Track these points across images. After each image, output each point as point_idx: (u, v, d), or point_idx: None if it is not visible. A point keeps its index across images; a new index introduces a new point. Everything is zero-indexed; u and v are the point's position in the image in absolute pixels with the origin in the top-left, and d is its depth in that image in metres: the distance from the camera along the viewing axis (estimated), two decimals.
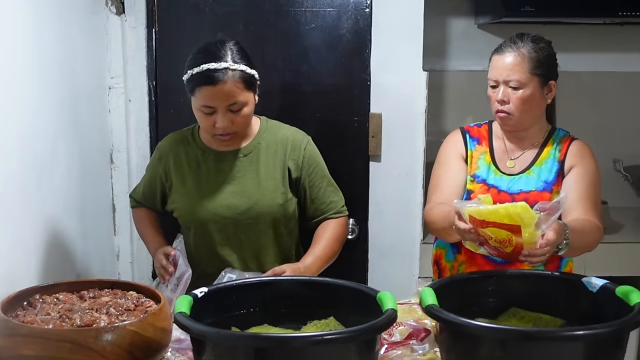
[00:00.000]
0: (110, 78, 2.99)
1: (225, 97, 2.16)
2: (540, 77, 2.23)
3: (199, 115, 2.23)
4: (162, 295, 1.85)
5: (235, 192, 2.30)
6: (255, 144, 2.34)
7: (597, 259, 3.01)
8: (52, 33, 2.36)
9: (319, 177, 2.37)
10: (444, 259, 2.38)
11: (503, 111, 2.24)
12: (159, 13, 3.00)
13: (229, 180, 2.31)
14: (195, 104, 2.22)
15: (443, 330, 1.75)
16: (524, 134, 2.32)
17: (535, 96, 2.24)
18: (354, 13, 2.99)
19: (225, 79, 2.14)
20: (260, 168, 2.32)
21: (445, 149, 2.40)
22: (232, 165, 2.32)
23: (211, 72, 2.14)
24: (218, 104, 2.17)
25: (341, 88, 3.03)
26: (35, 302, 1.84)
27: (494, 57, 2.27)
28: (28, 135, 2.14)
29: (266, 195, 2.29)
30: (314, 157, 2.38)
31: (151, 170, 2.46)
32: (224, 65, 2.15)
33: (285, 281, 1.98)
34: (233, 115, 2.20)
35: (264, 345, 1.56)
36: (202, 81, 2.16)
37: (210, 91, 2.15)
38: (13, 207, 2.02)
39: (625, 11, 3.27)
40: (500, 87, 2.23)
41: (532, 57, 2.22)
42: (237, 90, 2.17)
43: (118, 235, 3.09)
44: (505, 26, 3.43)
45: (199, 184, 2.32)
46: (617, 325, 1.61)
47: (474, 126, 2.41)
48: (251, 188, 2.30)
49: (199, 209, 2.30)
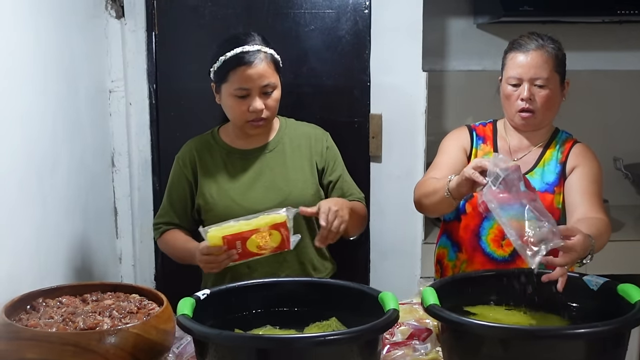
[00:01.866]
0: (110, 81, 3.00)
1: (259, 77, 2.21)
2: (560, 75, 2.24)
3: (231, 102, 2.25)
4: (164, 298, 1.86)
5: (266, 186, 2.32)
6: (278, 139, 2.37)
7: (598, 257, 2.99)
8: (53, 37, 2.36)
9: (340, 170, 2.41)
10: (446, 258, 2.38)
11: (528, 110, 2.22)
12: (158, 16, 3.01)
13: (258, 176, 2.33)
14: (228, 89, 2.24)
15: (445, 330, 1.75)
16: (532, 134, 2.30)
17: (557, 95, 2.24)
18: (353, 14, 2.99)
19: (259, 59, 2.21)
20: (287, 161, 2.34)
21: (450, 140, 2.38)
22: (259, 161, 2.34)
23: (245, 54, 2.21)
24: (253, 84, 2.21)
25: (341, 89, 3.04)
26: (38, 306, 1.84)
27: (515, 54, 2.23)
28: (29, 139, 2.15)
29: (297, 186, 2.31)
30: (334, 148, 2.43)
31: (176, 181, 2.40)
32: (257, 47, 2.23)
33: (287, 283, 1.98)
34: (266, 99, 2.24)
35: (267, 347, 1.57)
36: (237, 63, 2.21)
37: (245, 72, 2.20)
38: (15, 210, 2.03)
39: (624, 10, 3.27)
40: (524, 85, 2.21)
41: (557, 55, 2.23)
42: (270, 71, 2.24)
43: (120, 238, 3.10)
44: (504, 26, 3.43)
45: (229, 183, 2.33)
46: (618, 323, 1.62)
47: (479, 125, 2.40)
48: (281, 181, 2.32)
49: (233, 205, 2.29)
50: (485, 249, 2.27)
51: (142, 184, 3.10)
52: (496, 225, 2.24)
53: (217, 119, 2.47)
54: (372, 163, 3.09)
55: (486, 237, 2.27)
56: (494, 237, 2.26)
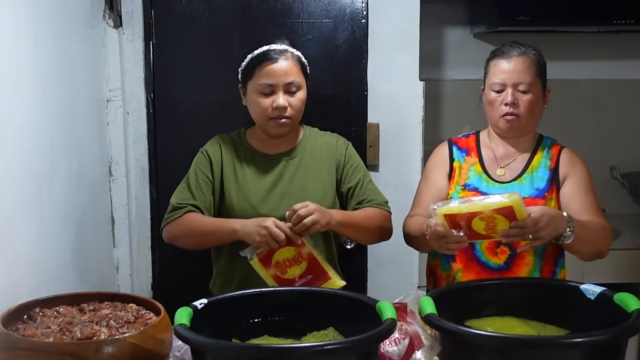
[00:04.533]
0: (108, 91, 3.00)
1: (285, 74, 2.25)
2: (542, 81, 2.27)
3: (255, 99, 2.28)
4: (162, 307, 1.86)
5: (283, 193, 2.32)
6: (301, 148, 2.39)
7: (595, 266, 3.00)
8: (51, 46, 2.37)
9: (360, 175, 2.40)
10: (439, 269, 2.37)
11: (512, 114, 2.25)
12: (156, 25, 3.01)
13: (277, 182, 2.34)
14: (253, 86, 2.28)
15: (442, 339, 1.75)
16: (517, 140, 2.33)
17: (540, 100, 2.27)
18: (350, 24, 3.00)
19: (285, 57, 2.26)
20: (307, 170, 2.35)
21: (430, 164, 2.43)
22: (279, 167, 2.35)
23: (271, 51, 2.27)
24: (277, 80, 2.24)
25: (338, 98, 3.04)
26: (35, 316, 1.84)
27: (498, 61, 2.27)
28: (26, 149, 2.15)
29: (314, 195, 2.30)
30: (355, 157, 2.44)
31: (202, 168, 2.35)
32: (284, 47, 2.28)
33: (284, 292, 1.98)
34: (290, 97, 2.27)
35: (265, 357, 1.57)
36: (262, 59, 2.26)
37: (271, 68, 2.25)
38: (12, 220, 2.03)
39: (620, 19, 3.29)
40: (507, 90, 2.24)
41: (539, 61, 2.26)
42: (295, 70, 2.28)
43: (117, 248, 3.09)
44: (500, 35, 3.44)
45: (249, 185, 2.33)
46: (615, 332, 1.62)
47: (462, 137, 2.43)
48: (298, 189, 2.32)
49: (248, 208, 2.29)
50: (480, 258, 2.27)
51: (139, 193, 3.10)
52: None
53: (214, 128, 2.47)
54: (370, 172, 3.08)
55: (480, 245, 2.27)
56: (489, 245, 2.26)
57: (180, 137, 3.05)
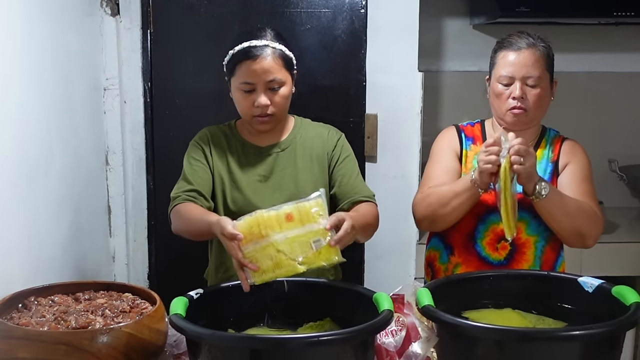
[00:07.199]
0: (105, 79, 2.98)
1: (264, 72, 2.19)
2: (550, 74, 2.24)
3: (238, 96, 2.25)
4: (157, 297, 1.85)
5: (274, 186, 2.31)
6: (292, 139, 2.36)
7: (593, 259, 3.01)
8: (47, 35, 2.35)
9: (350, 167, 2.36)
10: (438, 261, 2.36)
11: (520, 107, 2.20)
12: (154, 14, 3.00)
13: (268, 175, 2.32)
14: (234, 83, 2.24)
15: (440, 331, 1.74)
16: (521, 133, 2.30)
17: (547, 94, 2.24)
18: (349, 14, 2.99)
19: (265, 54, 2.19)
20: (297, 162, 2.33)
21: (440, 144, 2.37)
22: (270, 159, 2.33)
23: (251, 48, 2.20)
24: (257, 79, 2.20)
25: (336, 89, 3.03)
26: (30, 305, 1.83)
27: (506, 52, 2.22)
28: (23, 137, 2.14)
29: (306, 187, 2.28)
30: (346, 148, 2.39)
31: (193, 156, 2.32)
32: (264, 43, 2.20)
33: (281, 282, 1.97)
34: (272, 95, 2.22)
35: (260, 347, 1.56)
36: (242, 57, 2.20)
37: (250, 66, 2.19)
38: (7, 208, 2.02)
39: (620, 11, 3.28)
40: (516, 83, 2.19)
41: (548, 54, 2.22)
42: (276, 67, 2.21)
43: (114, 237, 3.08)
44: (500, 27, 3.42)
45: (241, 175, 2.31)
46: (613, 325, 1.62)
47: (467, 125, 2.39)
48: (290, 182, 2.31)
49: (240, 199, 2.28)
50: (480, 253, 2.26)
51: (136, 183, 3.09)
52: (491, 229, 2.24)
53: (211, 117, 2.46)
54: (367, 163, 3.08)
55: (481, 240, 2.26)
56: (490, 240, 2.25)
57: (177, 126, 3.03)
